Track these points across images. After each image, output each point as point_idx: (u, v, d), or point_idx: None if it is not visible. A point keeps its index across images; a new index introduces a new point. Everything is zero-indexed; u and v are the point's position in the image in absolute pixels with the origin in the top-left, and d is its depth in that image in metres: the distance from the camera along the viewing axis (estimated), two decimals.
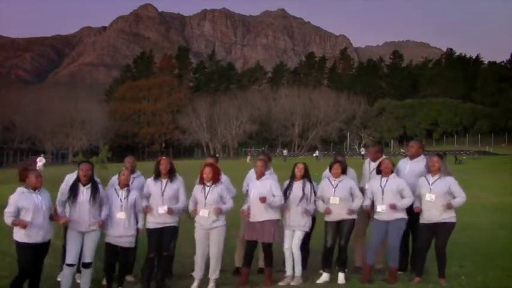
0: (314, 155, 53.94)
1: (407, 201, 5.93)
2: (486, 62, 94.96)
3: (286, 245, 6.11)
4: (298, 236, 6.09)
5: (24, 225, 5.00)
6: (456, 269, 6.39)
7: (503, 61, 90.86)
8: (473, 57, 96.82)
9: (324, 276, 6.10)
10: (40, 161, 31.00)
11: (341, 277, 6.03)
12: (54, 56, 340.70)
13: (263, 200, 5.81)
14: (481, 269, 6.43)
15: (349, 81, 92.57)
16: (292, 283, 6.04)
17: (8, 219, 5.03)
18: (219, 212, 5.82)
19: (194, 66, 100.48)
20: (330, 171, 6.24)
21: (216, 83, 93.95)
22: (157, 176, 5.99)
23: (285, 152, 59.04)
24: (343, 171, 6.23)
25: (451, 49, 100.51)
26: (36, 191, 5.20)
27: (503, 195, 17.64)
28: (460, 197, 5.81)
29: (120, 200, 5.73)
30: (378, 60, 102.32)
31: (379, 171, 6.15)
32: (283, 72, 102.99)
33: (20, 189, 5.18)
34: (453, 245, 5.91)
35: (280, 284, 6.04)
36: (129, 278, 6.27)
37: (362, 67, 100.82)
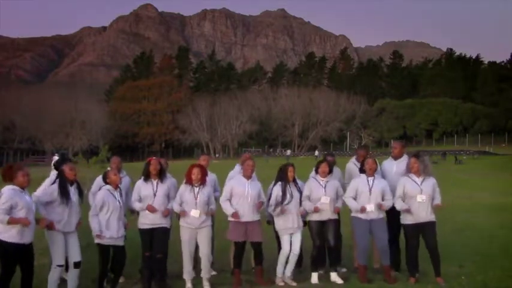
0: (315, 154, 54.07)
1: (390, 203, 6.03)
2: (486, 62, 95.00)
3: (286, 251, 6.06)
4: (299, 237, 6.11)
5: (27, 223, 4.90)
6: (456, 269, 6.39)
7: (503, 61, 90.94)
8: (473, 57, 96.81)
9: (314, 276, 6.08)
10: (53, 160, 30.93)
11: (333, 276, 6.05)
12: (54, 56, 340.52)
13: (260, 206, 5.96)
14: (481, 269, 6.43)
15: (349, 81, 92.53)
16: (289, 283, 6.05)
17: (2, 217, 4.81)
18: (210, 213, 5.95)
19: (194, 66, 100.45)
20: (317, 170, 6.22)
21: (216, 83, 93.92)
22: (147, 177, 5.97)
23: (288, 152, 59.42)
24: (330, 171, 6.26)
25: (451, 49, 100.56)
26: (25, 190, 5.12)
27: (503, 195, 17.65)
28: (439, 199, 5.97)
29: (118, 201, 5.68)
30: (378, 60, 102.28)
31: (362, 170, 6.17)
32: (283, 72, 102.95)
33: (10, 187, 5.01)
34: (453, 245, 5.92)
35: (278, 283, 6.04)
36: (122, 279, 6.20)
37: (362, 67, 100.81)
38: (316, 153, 54.12)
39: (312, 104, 75.95)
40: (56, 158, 32.02)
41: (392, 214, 6.17)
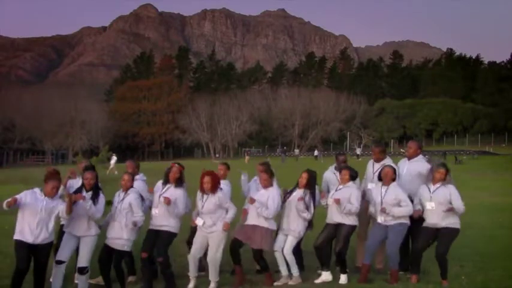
0: (315, 154, 54.03)
1: (403, 210, 5.86)
2: (486, 62, 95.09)
3: (275, 247, 6.10)
4: (291, 241, 6.09)
5: (14, 201, 5.09)
6: (456, 269, 6.38)
7: (503, 61, 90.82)
8: (473, 57, 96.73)
9: (322, 275, 6.11)
10: (112, 159, 30.84)
11: (343, 278, 6.04)
12: (54, 56, 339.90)
13: (252, 201, 5.99)
14: (481, 269, 6.43)
15: (349, 81, 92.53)
16: (291, 282, 6.06)
17: (4, 202, 5.13)
18: (227, 228, 5.89)
19: (194, 66, 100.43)
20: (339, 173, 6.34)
21: (216, 83, 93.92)
22: (166, 181, 6.02)
23: (297, 151, 60.03)
24: (352, 178, 6.22)
25: (451, 49, 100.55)
26: (48, 197, 5.33)
27: (503, 195, 17.65)
28: (456, 204, 5.73)
29: (117, 202, 5.81)
30: (378, 60, 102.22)
31: (380, 177, 6.12)
32: (283, 72, 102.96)
33: (36, 189, 5.38)
34: (453, 245, 5.91)
35: (277, 283, 6.05)
36: (131, 278, 6.30)
37: (362, 67, 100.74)
38: (316, 153, 54.02)
39: (312, 104, 75.89)
40: (114, 157, 32.15)
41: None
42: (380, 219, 5.94)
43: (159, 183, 6.08)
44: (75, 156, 50.02)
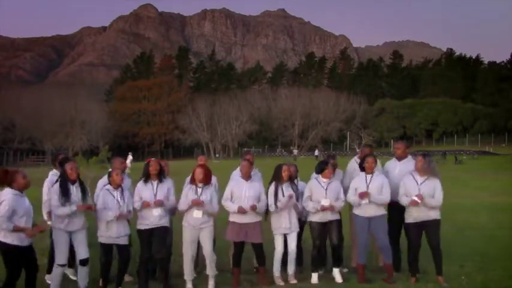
0: (315, 154, 54.09)
1: (383, 198, 5.95)
2: (486, 62, 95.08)
3: (278, 250, 6.09)
4: (294, 236, 6.12)
5: (30, 235, 4.98)
6: (456, 269, 6.38)
7: (503, 61, 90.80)
8: (473, 57, 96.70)
9: (314, 277, 6.08)
10: (128, 159, 30.78)
11: (335, 272, 6.07)
12: (54, 56, 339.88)
13: (254, 208, 5.88)
14: (481, 269, 6.43)
15: (349, 81, 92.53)
16: (292, 281, 6.07)
17: (7, 225, 4.81)
18: (211, 213, 5.97)
19: (194, 66, 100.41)
20: (320, 172, 6.14)
21: (216, 83, 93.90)
22: (147, 178, 5.96)
23: (295, 151, 59.62)
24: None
25: (451, 49, 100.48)
26: (24, 194, 5.13)
27: (503, 195, 17.63)
28: (437, 201, 5.81)
29: (117, 200, 5.71)
30: (378, 60, 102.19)
31: (362, 168, 6.14)
32: (283, 72, 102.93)
33: (10, 191, 4.97)
34: (453, 245, 5.92)
35: (277, 283, 6.05)
36: (127, 278, 6.26)
37: (362, 67, 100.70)
38: (316, 153, 54.03)
39: (312, 104, 75.85)
40: (130, 156, 32.32)
41: (394, 213, 6.14)
42: (365, 201, 5.88)
43: (140, 184, 5.97)
44: (75, 156, 49.98)
